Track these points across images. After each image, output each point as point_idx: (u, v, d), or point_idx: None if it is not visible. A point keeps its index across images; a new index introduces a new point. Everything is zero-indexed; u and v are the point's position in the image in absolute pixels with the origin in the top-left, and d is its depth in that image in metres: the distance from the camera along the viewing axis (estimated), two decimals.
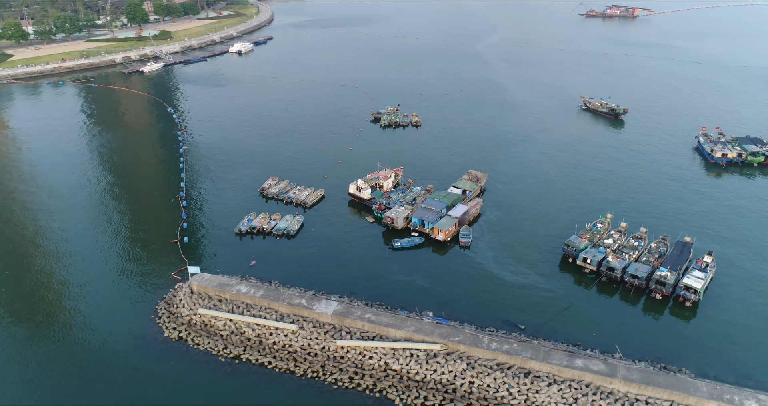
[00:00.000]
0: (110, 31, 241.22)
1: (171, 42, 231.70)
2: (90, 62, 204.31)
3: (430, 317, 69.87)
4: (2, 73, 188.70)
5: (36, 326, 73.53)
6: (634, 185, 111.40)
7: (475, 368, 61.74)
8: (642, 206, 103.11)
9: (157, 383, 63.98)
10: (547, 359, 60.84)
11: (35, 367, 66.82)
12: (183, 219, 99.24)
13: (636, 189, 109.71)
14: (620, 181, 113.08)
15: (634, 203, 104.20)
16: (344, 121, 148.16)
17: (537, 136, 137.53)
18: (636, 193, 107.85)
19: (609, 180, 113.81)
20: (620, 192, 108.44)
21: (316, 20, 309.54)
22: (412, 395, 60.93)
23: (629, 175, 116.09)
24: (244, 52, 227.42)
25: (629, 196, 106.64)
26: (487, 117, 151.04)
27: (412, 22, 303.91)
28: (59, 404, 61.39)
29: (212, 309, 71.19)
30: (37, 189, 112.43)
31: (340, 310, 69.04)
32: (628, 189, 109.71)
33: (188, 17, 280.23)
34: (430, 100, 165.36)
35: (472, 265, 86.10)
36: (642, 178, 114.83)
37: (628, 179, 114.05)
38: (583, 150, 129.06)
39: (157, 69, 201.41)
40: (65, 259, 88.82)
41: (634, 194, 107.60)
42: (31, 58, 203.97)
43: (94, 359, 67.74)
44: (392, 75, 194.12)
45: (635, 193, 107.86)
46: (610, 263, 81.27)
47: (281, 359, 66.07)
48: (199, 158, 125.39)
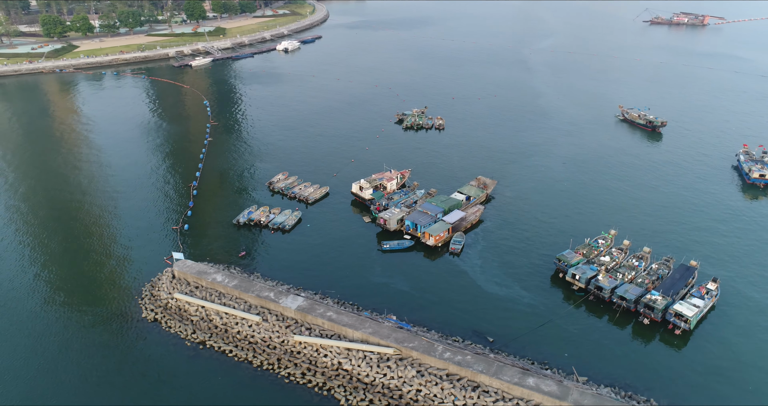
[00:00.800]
0: (169, 27, 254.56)
1: (223, 38, 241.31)
2: (145, 55, 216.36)
3: (393, 320, 68.97)
4: (65, 63, 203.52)
5: (29, 292, 79.00)
6: (657, 203, 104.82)
7: (425, 376, 60.40)
8: (659, 225, 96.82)
9: (120, 360, 66.82)
10: (498, 375, 58.51)
11: (16, 325, 71.85)
12: (189, 207, 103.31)
13: (657, 207, 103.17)
14: (641, 198, 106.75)
15: (650, 221, 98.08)
16: (369, 122, 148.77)
17: (562, 145, 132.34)
18: (656, 212, 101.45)
19: (629, 195, 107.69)
20: (638, 209, 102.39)
21: (370, 21, 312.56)
22: (359, 397, 60.44)
23: (654, 191, 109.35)
24: (291, 49, 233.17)
25: (647, 214, 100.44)
26: (514, 124, 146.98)
27: (467, 26, 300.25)
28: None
29: (187, 295, 73.70)
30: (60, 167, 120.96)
31: (305, 306, 69.52)
32: (648, 206, 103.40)
33: (245, 15, 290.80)
34: (461, 104, 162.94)
35: (457, 272, 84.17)
36: (667, 195, 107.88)
37: (650, 196, 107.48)
38: (609, 163, 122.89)
39: (205, 63, 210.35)
40: (70, 234, 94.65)
41: (653, 212, 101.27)
42: (94, 49, 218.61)
43: (72, 329, 71.65)
44: (429, 78, 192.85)
45: (655, 211, 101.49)
46: (599, 281, 77.06)
47: (242, 349, 67.44)
48: (221, 150, 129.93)
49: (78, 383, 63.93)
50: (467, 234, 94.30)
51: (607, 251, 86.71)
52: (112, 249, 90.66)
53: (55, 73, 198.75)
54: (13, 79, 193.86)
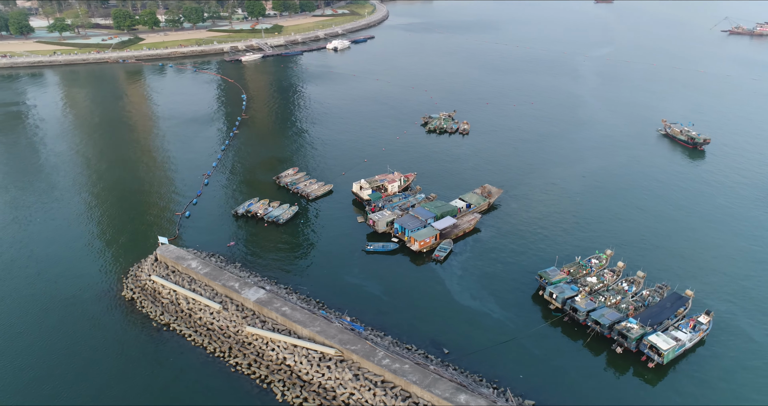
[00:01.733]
0: (230, 23, 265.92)
1: (278, 36, 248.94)
2: (202, 49, 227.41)
3: (347, 321, 68.60)
4: (128, 54, 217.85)
5: (26, 262, 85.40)
6: (675, 225, 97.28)
7: (360, 380, 59.61)
8: (670, 249, 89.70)
9: (87, 333, 70.56)
10: (431, 388, 56.68)
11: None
12: (197, 195, 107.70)
13: (674, 230, 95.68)
14: (658, 218, 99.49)
15: (661, 244, 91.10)
16: (394, 123, 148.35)
17: (589, 158, 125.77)
18: (671, 234, 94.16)
19: (644, 215, 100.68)
20: (650, 230, 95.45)
21: (429, 23, 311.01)
22: (295, 393, 60.71)
23: (675, 212, 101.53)
24: (340, 49, 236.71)
25: (660, 236, 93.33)
26: (544, 132, 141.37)
27: (529, 31, 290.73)
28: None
29: (163, 278, 76.93)
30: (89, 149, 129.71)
31: (264, 299, 70.63)
32: (664, 228, 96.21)
33: (304, 14, 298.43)
34: (493, 110, 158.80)
35: (434, 280, 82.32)
36: (689, 218, 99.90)
37: (669, 217, 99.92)
38: (634, 179, 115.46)
39: (255, 59, 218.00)
40: (83, 208, 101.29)
41: (668, 234, 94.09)
42: (157, 42, 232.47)
43: (55, 298, 76.61)
44: (469, 82, 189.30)
45: (671, 234, 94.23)
46: (576, 302, 72.74)
47: (200, 334, 69.56)
48: (242, 142, 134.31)
49: (41, 349, 68.36)
50: (458, 242, 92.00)
51: (599, 271, 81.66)
52: (112, 229, 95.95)
53: (118, 63, 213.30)
54: (81, 67, 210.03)
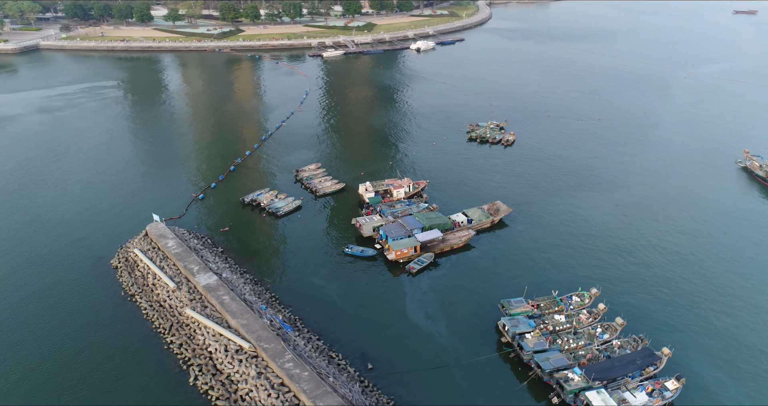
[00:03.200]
0: (325, 20, 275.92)
1: (366, 33, 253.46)
2: (291, 43, 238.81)
3: (278, 319, 68.81)
4: (224, 44, 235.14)
5: (39, 218, 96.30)
6: (705, 286, 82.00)
7: (261, 379, 59.62)
8: (686, 310, 77.14)
9: (63, 290, 78.23)
10: (318, 400, 55.11)
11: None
12: (219, 180, 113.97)
13: (702, 292, 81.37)
14: (690, 272, 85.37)
15: (676, 303, 78.73)
16: (440, 128, 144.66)
17: (633, 185, 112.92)
18: (694, 296, 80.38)
19: (673, 264, 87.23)
20: (670, 284, 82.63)
21: (531, 28, 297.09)
22: (204, 379, 62.39)
23: (716, 269, 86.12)
24: (423, 49, 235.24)
25: (679, 295, 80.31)
26: (596, 152, 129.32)
27: (641, 42, 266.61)
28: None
29: (142, 252, 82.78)
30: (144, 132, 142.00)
31: (212, 285, 73.19)
32: (689, 287, 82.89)
33: (401, 13, 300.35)
34: (552, 124, 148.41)
35: (396, 292, 79.52)
36: (732, 282, 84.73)
37: (704, 274, 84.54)
38: (678, 217, 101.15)
39: (336, 55, 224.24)
40: (119, 178, 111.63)
41: (687, 295, 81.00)
42: (254, 34, 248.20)
43: (56, 259, 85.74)
44: (539, 92, 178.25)
45: (691, 295, 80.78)
46: (524, 339, 66.21)
47: (153, 309, 73.94)
48: (284, 134, 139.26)
49: (18, 298, 76.97)
50: (443, 257, 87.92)
51: (576, 310, 73.38)
52: (141, 200, 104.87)
53: (214, 52, 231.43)
54: (182, 53, 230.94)
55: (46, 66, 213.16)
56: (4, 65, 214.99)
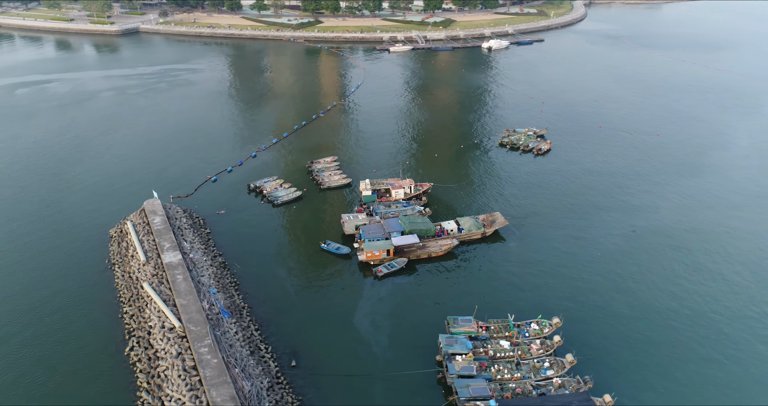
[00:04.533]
0: (403, 14, 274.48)
1: (441, 30, 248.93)
2: (362, 36, 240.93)
3: (220, 304, 70.37)
4: (299, 34, 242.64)
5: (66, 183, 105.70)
6: (696, 346, 73.71)
7: (177, 359, 61.53)
8: (658, 362, 69.12)
9: (60, 254, 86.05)
10: (213, 388, 55.79)
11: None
12: (237, 164, 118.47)
13: (687, 354, 72.92)
14: (687, 321, 76.47)
15: (653, 354, 70.72)
16: (476, 131, 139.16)
17: (662, 210, 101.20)
18: (681, 350, 71.89)
19: (669, 309, 78.32)
20: (656, 329, 74.17)
21: (627, 33, 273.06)
22: (137, 352, 65.73)
23: (715, 333, 76.64)
24: (495, 48, 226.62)
25: (660, 350, 72.18)
26: (635, 170, 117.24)
27: (750, 52, 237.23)
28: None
29: (132, 225, 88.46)
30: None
31: (173, 263, 76.57)
32: (679, 337, 73.96)
33: (485, 11, 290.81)
34: (601, 135, 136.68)
35: (353, 295, 78.13)
36: (723, 350, 74.77)
37: (705, 324, 75.83)
38: (701, 259, 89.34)
39: (403, 50, 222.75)
40: (145, 153, 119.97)
41: (673, 344, 72.25)
42: (330, 26, 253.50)
43: (65, 225, 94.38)
44: (602, 100, 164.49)
45: (678, 346, 72.12)
46: (452, 361, 62.15)
47: (123, 279, 78.74)
48: (317, 126, 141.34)
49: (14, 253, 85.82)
50: (421, 263, 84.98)
51: (530, 339, 67.49)
52: (160, 175, 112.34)
53: (289, 42, 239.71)
54: (260, 42, 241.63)
55: (138, 48, 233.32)
56: (106, 45, 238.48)
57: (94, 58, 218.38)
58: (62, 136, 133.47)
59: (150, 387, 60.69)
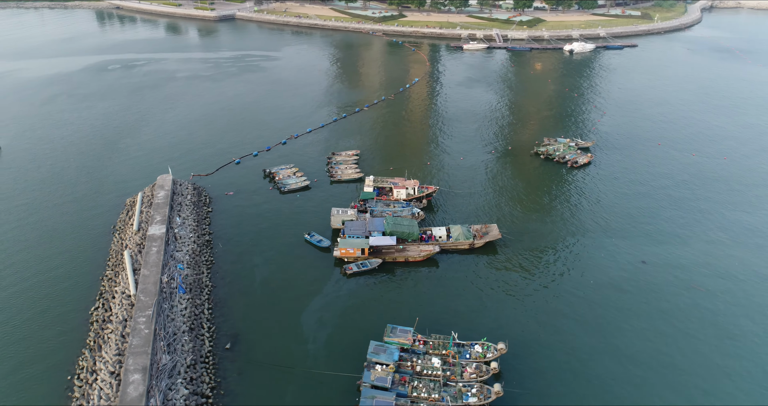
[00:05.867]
0: (489, 11, 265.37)
1: (526, 29, 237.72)
2: (441, 33, 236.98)
3: (180, 279, 73.74)
4: (377, 27, 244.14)
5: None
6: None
7: (120, 324, 65.78)
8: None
9: (77, 217, 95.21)
10: (132, 356, 59.03)
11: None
12: (265, 150, 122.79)
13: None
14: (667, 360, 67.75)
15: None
16: (514, 138, 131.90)
17: (686, 245, 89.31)
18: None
19: (635, 368, 69.70)
20: (608, 382, 66.48)
21: (747, 47, 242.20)
22: (99, 312, 71.30)
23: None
24: (577, 52, 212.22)
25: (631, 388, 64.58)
26: (675, 194, 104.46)
27: None
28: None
29: (141, 196, 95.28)
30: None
31: (155, 235, 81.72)
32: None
33: (581, 11, 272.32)
34: (656, 153, 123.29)
35: (314, 289, 78.30)
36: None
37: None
38: (712, 305, 78.03)
39: (477, 49, 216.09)
40: (183, 134, 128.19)
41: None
42: (410, 21, 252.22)
43: (95, 191, 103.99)
44: (673, 116, 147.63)
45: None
46: (371, 370, 60.14)
47: (115, 245, 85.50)
48: (354, 121, 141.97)
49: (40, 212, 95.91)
50: (398, 267, 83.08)
51: (468, 362, 63.35)
52: (191, 153, 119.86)
53: (367, 35, 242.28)
54: (340, 33, 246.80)
55: (229, 33, 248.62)
56: (203, 29, 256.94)
57: (185, 41, 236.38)
58: (127, 111, 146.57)
59: (94, 346, 65.71)
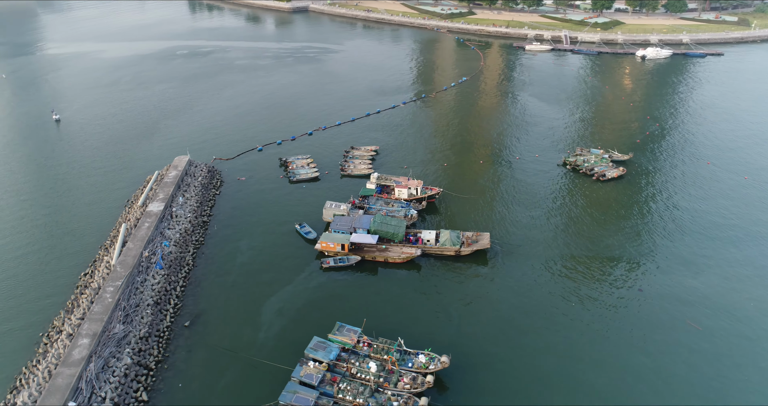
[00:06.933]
0: (563, 11, 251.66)
1: (599, 32, 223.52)
2: (506, 31, 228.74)
3: (160, 256, 77.31)
4: (444, 24, 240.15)
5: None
6: None
7: (93, 290, 70.29)
8: None
9: (102, 189, 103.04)
10: (89, 321, 63.01)
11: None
12: (290, 139, 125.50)
13: None
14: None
15: None
16: (548, 146, 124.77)
17: (705, 275, 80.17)
18: None
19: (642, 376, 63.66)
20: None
21: None
22: (87, 278, 76.96)
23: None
24: (650, 58, 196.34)
25: None
26: (705, 221, 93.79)
27: None
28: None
29: (156, 174, 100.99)
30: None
31: (152, 211, 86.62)
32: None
33: (667, 14, 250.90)
34: (701, 174, 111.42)
35: (287, 279, 79.28)
36: None
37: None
38: (704, 346, 69.59)
39: (540, 50, 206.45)
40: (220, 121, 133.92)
41: None
42: (477, 19, 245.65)
43: (125, 165, 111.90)
44: (737, 134, 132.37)
45: None
46: (303, 364, 59.97)
47: (122, 218, 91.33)
48: (387, 116, 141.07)
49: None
50: (379, 267, 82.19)
51: (408, 370, 61.31)
52: (221, 139, 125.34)
53: (432, 31, 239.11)
54: (405, 28, 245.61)
55: (299, 24, 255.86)
56: (277, 20, 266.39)
57: (255, 31, 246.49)
58: (178, 95, 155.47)
59: (69, 309, 70.83)
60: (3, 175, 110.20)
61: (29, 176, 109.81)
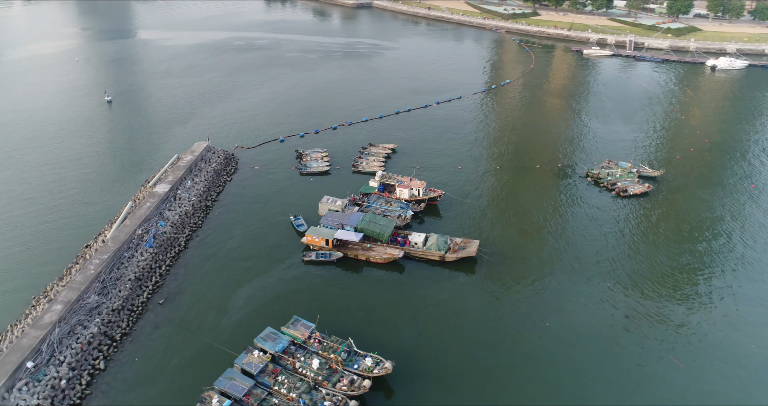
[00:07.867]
0: (634, 15, 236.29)
1: (670, 38, 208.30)
2: (567, 34, 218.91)
3: (151, 236, 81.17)
4: (503, 24, 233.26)
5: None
6: None
7: (81, 264, 75.12)
8: None
9: (121, 171, 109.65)
10: (65, 290, 67.47)
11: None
12: (314, 132, 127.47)
13: None
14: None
15: None
16: (579, 155, 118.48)
17: (705, 309, 72.48)
18: None
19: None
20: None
21: None
22: (85, 251, 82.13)
23: None
24: (720, 68, 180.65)
25: None
26: (733, 250, 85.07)
27: None
28: None
29: (175, 157, 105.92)
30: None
31: (157, 192, 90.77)
32: None
33: (754, 22, 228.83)
34: (739, 196, 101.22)
35: (266, 269, 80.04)
36: None
37: None
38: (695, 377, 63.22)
39: (599, 55, 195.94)
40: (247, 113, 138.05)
41: None
42: (544, 20, 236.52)
43: (149, 148, 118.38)
44: None
45: None
46: (248, 353, 60.89)
47: (135, 198, 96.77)
48: (414, 116, 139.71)
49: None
50: (362, 265, 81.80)
51: (352, 372, 60.58)
52: (248, 128, 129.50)
53: (490, 31, 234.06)
54: (464, 27, 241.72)
55: (360, 20, 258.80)
56: (341, 15, 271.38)
57: (315, 25, 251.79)
58: (222, 85, 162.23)
59: (64, 276, 76.12)
60: (49, 147, 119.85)
61: (69, 151, 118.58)
